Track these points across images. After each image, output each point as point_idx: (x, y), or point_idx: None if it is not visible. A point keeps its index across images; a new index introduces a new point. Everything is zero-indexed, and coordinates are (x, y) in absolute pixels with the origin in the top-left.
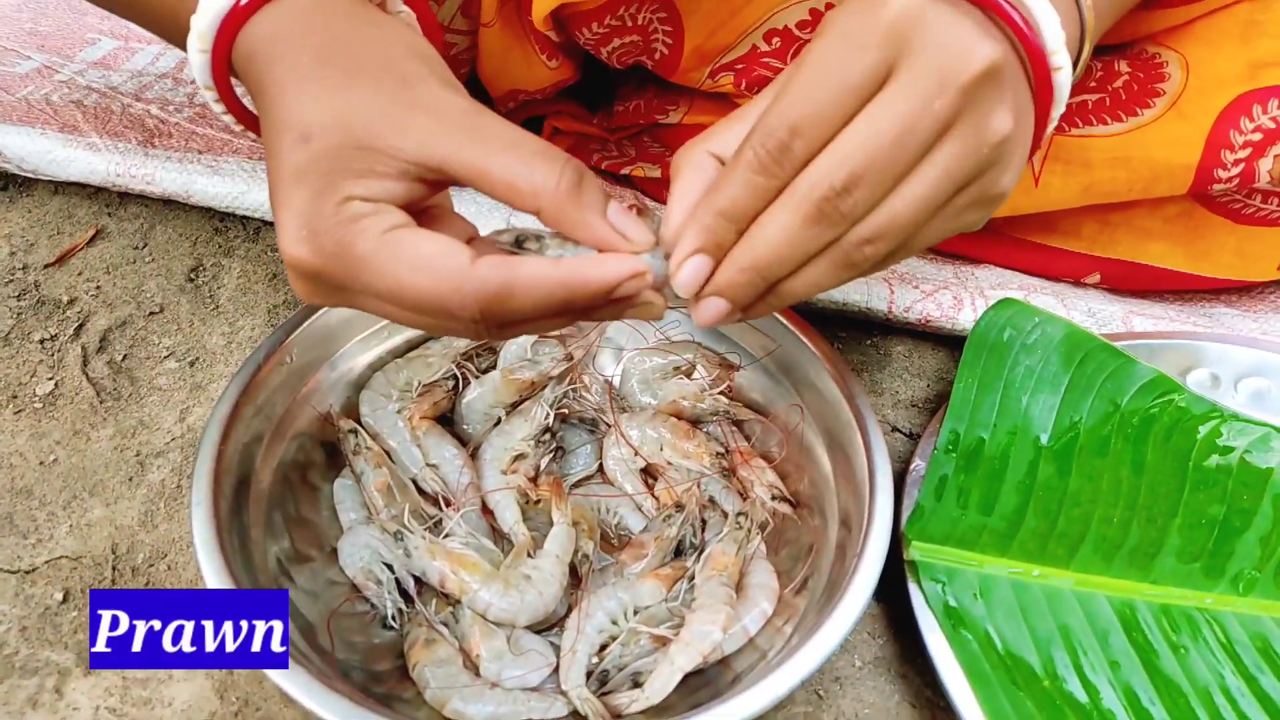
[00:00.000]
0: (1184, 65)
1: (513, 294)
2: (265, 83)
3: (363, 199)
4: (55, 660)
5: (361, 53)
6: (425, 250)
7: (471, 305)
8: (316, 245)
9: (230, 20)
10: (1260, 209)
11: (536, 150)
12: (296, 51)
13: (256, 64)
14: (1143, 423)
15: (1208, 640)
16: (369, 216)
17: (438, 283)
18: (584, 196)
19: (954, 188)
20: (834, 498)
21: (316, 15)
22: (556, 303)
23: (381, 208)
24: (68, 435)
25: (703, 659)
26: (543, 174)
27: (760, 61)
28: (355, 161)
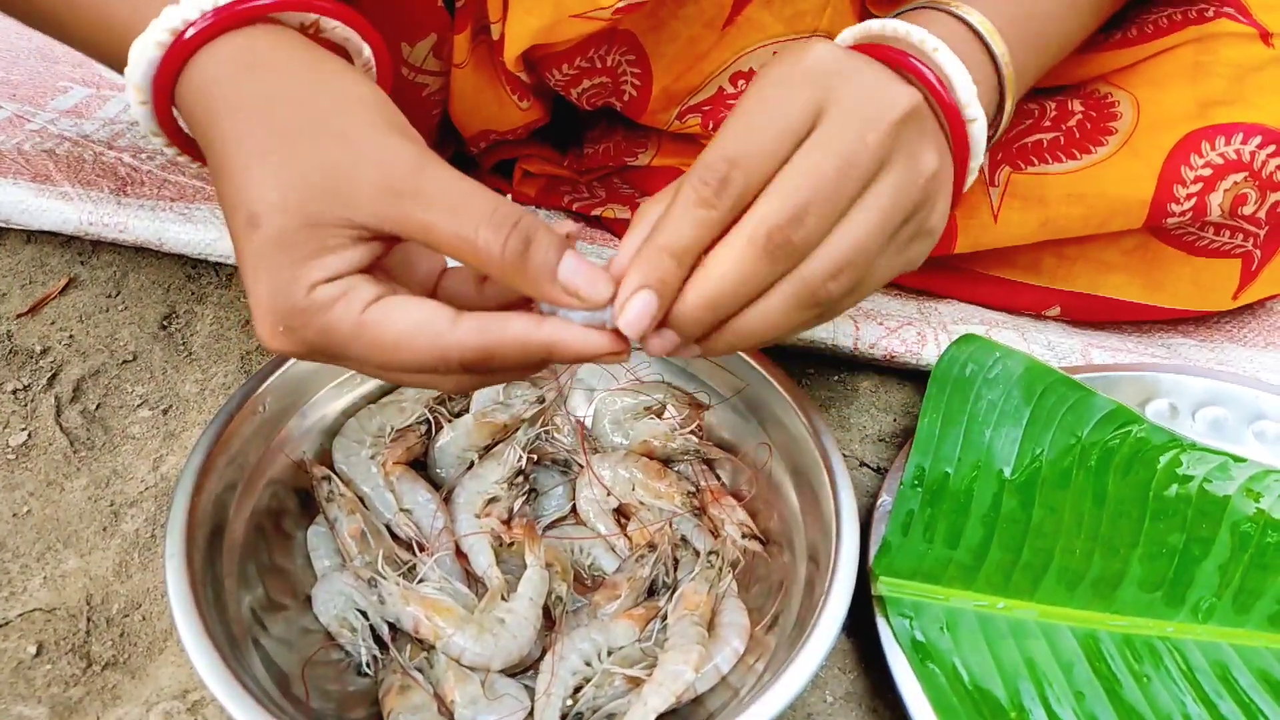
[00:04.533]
0: (1135, 104)
1: (493, 355)
2: (211, 138)
3: (327, 280)
4: (28, 715)
5: (297, 113)
6: (405, 323)
7: (456, 366)
8: (296, 337)
9: (164, 71)
10: (1214, 241)
11: (483, 215)
12: (233, 111)
13: (199, 117)
14: (1103, 454)
15: (1169, 669)
16: (340, 300)
17: (424, 350)
18: (531, 261)
19: (900, 218)
20: (802, 534)
21: (247, 73)
22: (537, 360)
23: (350, 283)
24: (41, 486)
25: (676, 699)
26: (486, 242)
27: (726, 103)
28: (307, 243)
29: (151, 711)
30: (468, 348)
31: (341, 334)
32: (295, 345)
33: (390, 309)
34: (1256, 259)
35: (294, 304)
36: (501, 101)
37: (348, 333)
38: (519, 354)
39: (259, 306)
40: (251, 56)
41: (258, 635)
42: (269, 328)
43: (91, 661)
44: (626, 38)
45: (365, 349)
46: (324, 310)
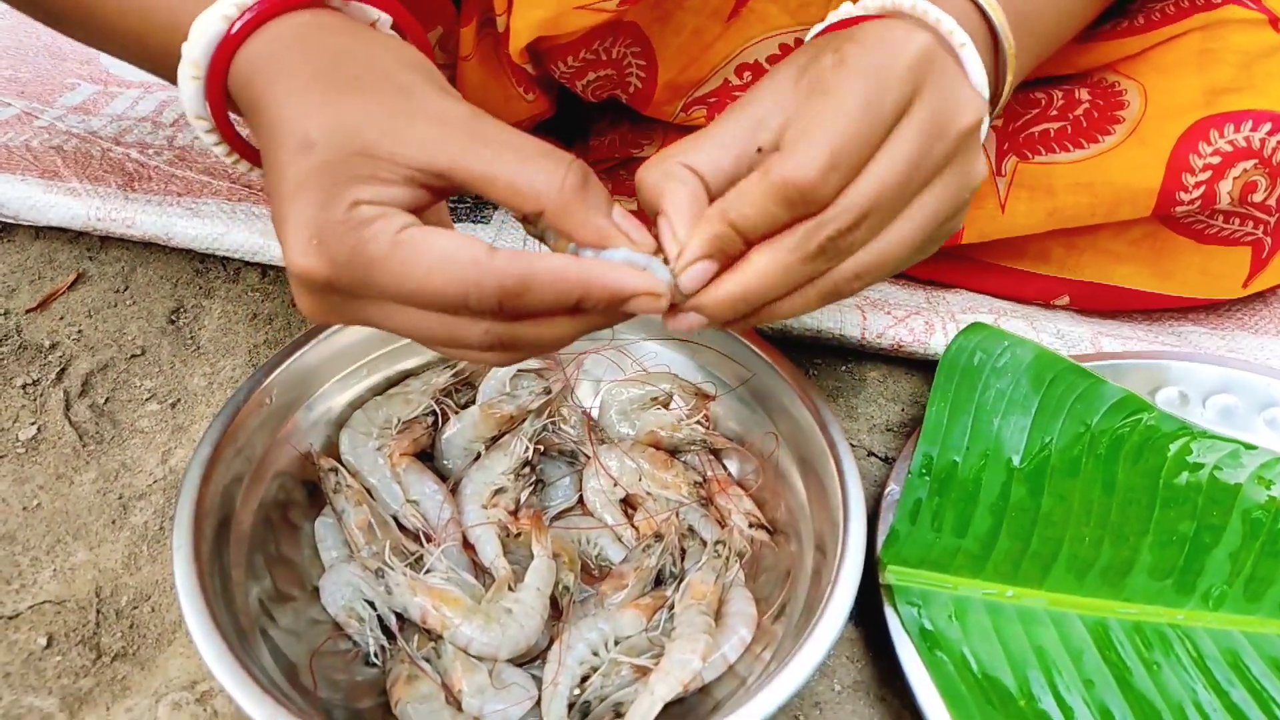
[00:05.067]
0: (1142, 93)
1: (530, 287)
2: (264, 101)
3: (370, 203)
4: (39, 706)
5: (360, 66)
6: (442, 246)
7: (491, 298)
8: (327, 254)
9: (224, 46)
10: (1223, 229)
11: (540, 151)
12: (296, 68)
13: (256, 86)
14: (1113, 442)
15: (1180, 656)
16: (379, 220)
17: (457, 276)
18: (589, 196)
19: (937, 228)
20: (809, 523)
21: (312, 34)
22: (571, 300)
23: (389, 211)
24: (50, 479)
25: (683, 688)
26: (546, 174)
27: (732, 95)
28: (359, 168)
29: (161, 702)
30: (506, 274)
31: (374, 252)
32: (323, 263)
33: (429, 233)
34: (1267, 246)
35: (332, 216)
36: (507, 94)
37: (382, 251)
38: (554, 288)
39: (294, 220)
40: (314, 27)
41: (266, 626)
42: (302, 242)
43: (101, 653)
44: (631, 29)
45: (397, 270)
46: (362, 225)
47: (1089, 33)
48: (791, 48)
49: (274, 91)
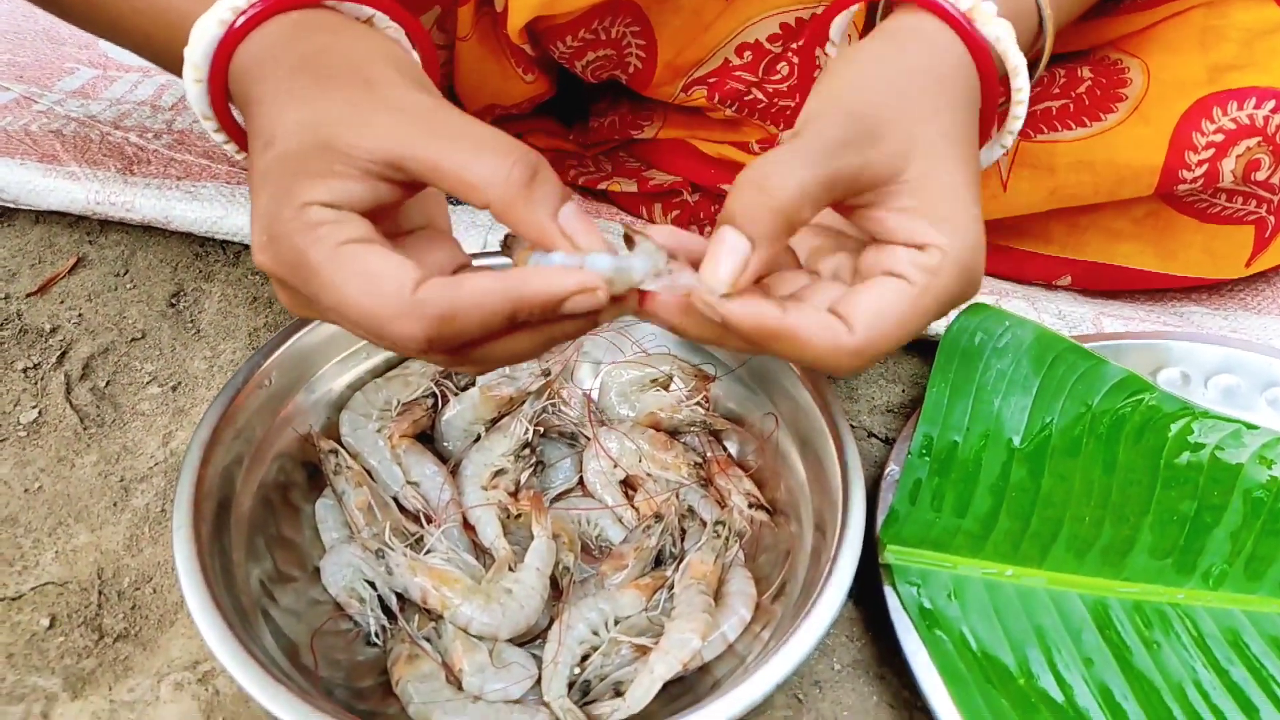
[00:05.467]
0: (1145, 70)
1: (455, 316)
2: (249, 101)
3: (323, 204)
4: (42, 686)
5: (334, 61)
6: (373, 269)
7: (417, 331)
8: (275, 251)
9: (222, 49)
10: (1226, 207)
11: (488, 142)
12: (275, 68)
13: (243, 84)
14: (1114, 422)
15: (1180, 635)
16: (327, 225)
17: (380, 306)
18: (534, 193)
19: None
20: (809, 503)
21: (297, 34)
22: (502, 318)
23: (343, 216)
24: (52, 462)
25: (682, 667)
26: (491, 166)
27: (732, 75)
28: (314, 163)
29: (163, 682)
30: (428, 306)
31: (313, 259)
32: (273, 261)
33: (365, 252)
34: (1270, 225)
35: (282, 215)
36: (506, 74)
37: (320, 259)
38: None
39: (254, 213)
40: (301, 26)
41: (267, 607)
42: (257, 236)
43: (103, 634)
44: (631, 9)
45: (328, 283)
46: (307, 230)
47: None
48: (792, 26)
49: (256, 92)
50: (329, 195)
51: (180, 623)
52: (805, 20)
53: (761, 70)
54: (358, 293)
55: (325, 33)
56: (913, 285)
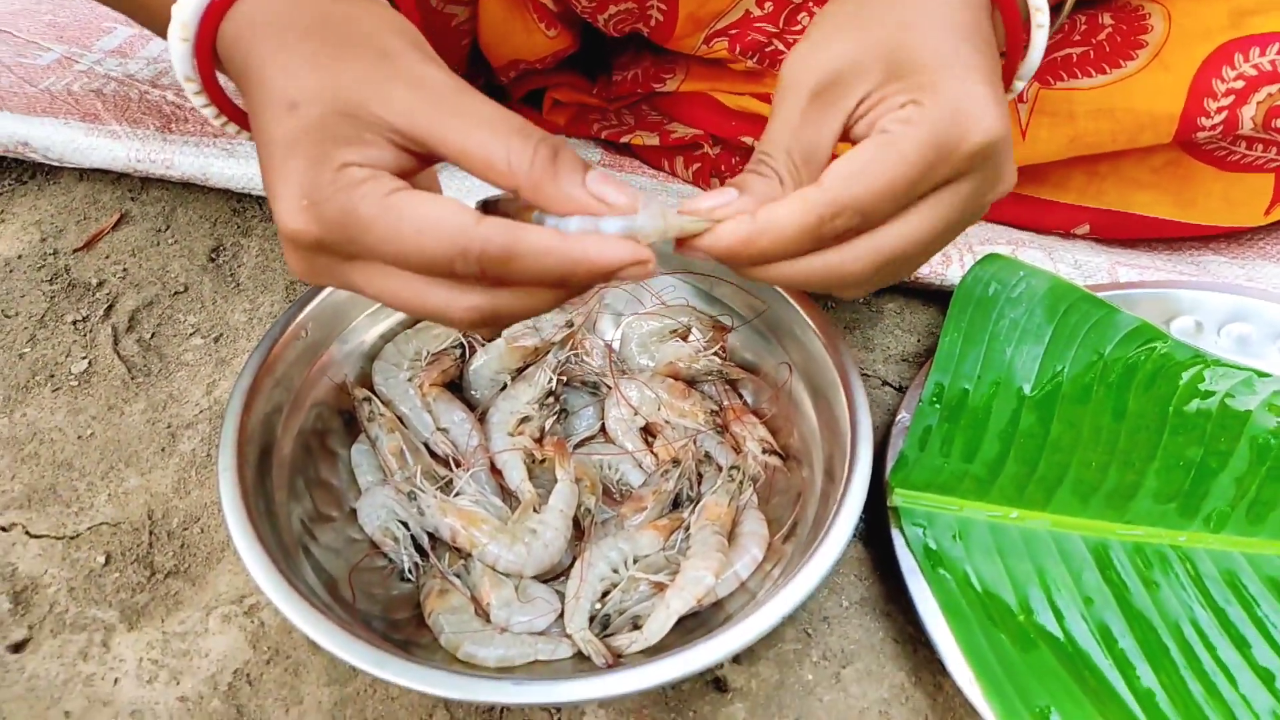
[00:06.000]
0: (1166, 16)
1: (514, 256)
2: (251, 63)
3: (359, 165)
4: (101, 617)
5: (344, 29)
6: (431, 210)
7: (475, 264)
8: (318, 214)
9: (213, 8)
10: (1246, 155)
11: (513, 128)
12: (282, 31)
13: (242, 47)
14: (1125, 370)
15: (1179, 576)
16: (369, 181)
17: (446, 239)
18: (560, 169)
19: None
20: (820, 449)
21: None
22: (554, 275)
23: (378, 173)
24: (103, 410)
25: (696, 602)
26: (518, 151)
27: (754, 26)
28: (344, 128)
29: (211, 615)
30: (492, 243)
31: (365, 212)
32: (314, 223)
33: (418, 196)
34: None
35: (322, 177)
36: (529, 29)
37: (372, 212)
38: (539, 263)
39: (284, 181)
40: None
41: (307, 544)
42: (293, 202)
43: (155, 570)
44: None
45: (386, 231)
46: (352, 187)
47: None
48: None
49: (260, 53)
50: (362, 157)
51: (226, 560)
52: None
53: (782, 21)
54: (417, 232)
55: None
56: (885, 134)
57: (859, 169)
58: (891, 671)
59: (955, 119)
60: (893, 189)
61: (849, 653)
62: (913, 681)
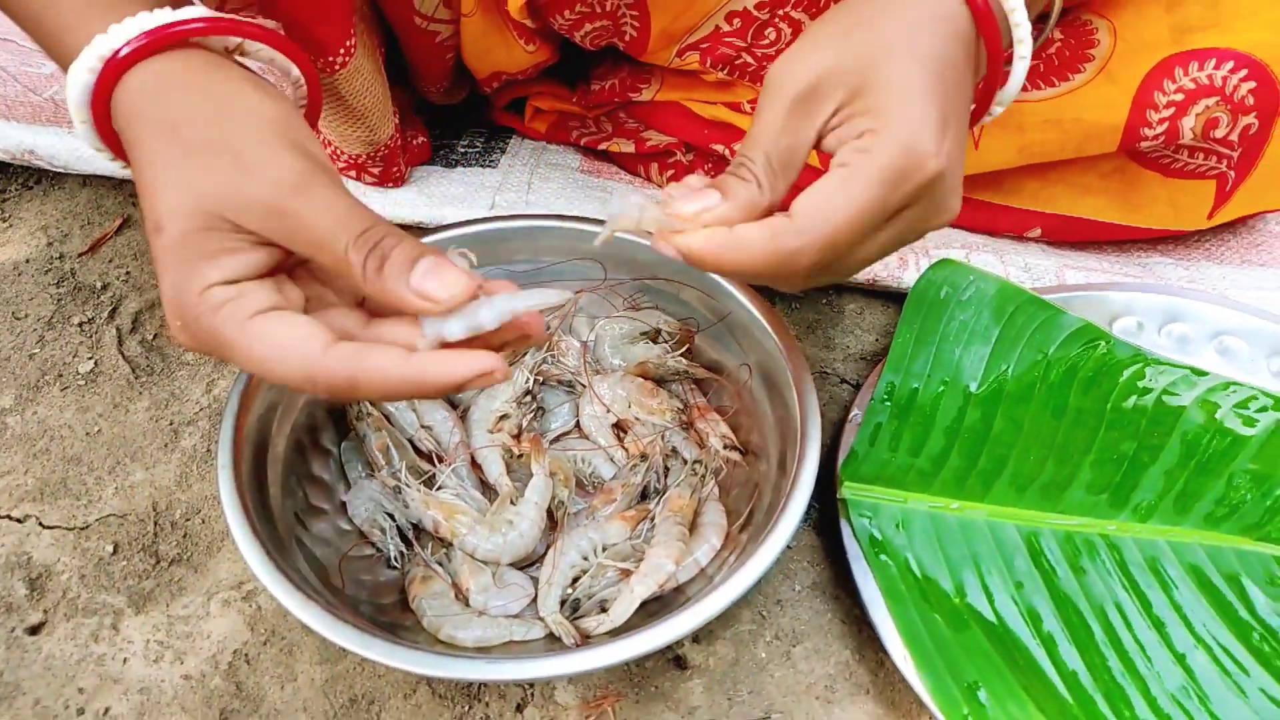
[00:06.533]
0: (1112, 31)
1: (357, 385)
2: (132, 156)
3: (223, 283)
4: (110, 603)
5: (202, 130)
6: (279, 338)
7: (323, 390)
8: (189, 333)
9: (98, 95)
10: (1189, 163)
11: (351, 236)
12: (146, 135)
13: (125, 138)
14: (1068, 369)
15: (1105, 562)
16: (230, 303)
17: (292, 369)
18: (385, 274)
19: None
20: (775, 444)
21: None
22: (402, 393)
23: (243, 289)
24: (109, 408)
25: (659, 587)
26: (353, 263)
27: (723, 41)
28: (205, 245)
29: (212, 600)
30: (336, 374)
31: (225, 336)
32: (190, 340)
33: (273, 323)
34: (1230, 180)
35: (187, 302)
36: (509, 46)
37: (230, 336)
38: (381, 387)
39: (163, 297)
40: (168, 79)
41: (300, 535)
42: (170, 318)
43: (160, 558)
44: None
45: (245, 353)
46: (213, 311)
47: None
48: None
49: (135, 154)
50: (224, 274)
51: (226, 549)
52: None
53: (750, 36)
54: (269, 358)
55: (190, 92)
56: (846, 167)
57: (824, 205)
58: (838, 650)
59: (907, 153)
60: (851, 226)
61: (799, 633)
62: (856, 659)
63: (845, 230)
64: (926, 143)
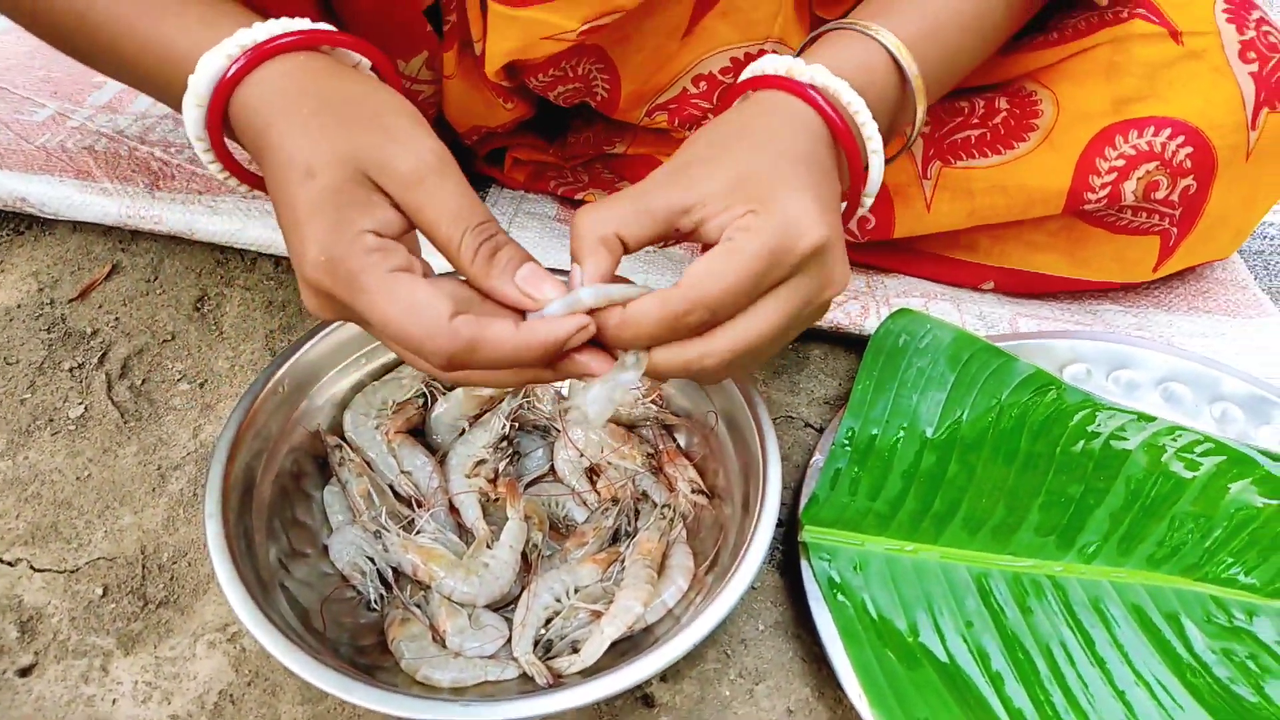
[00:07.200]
0: (1055, 101)
1: (477, 349)
2: (268, 134)
3: (374, 233)
4: (100, 644)
5: (350, 106)
6: (417, 297)
7: (442, 353)
8: (332, 270)
9: (225, 81)
10: (1133, 220)
11: (471, 223)
12: (294, 106)
13: (259, 118)
14: (1019, 414)
15: (1052, 602)
16: (378, 252)
17: (419, 328)
18: (494, 268)
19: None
20: (739, 489)
21: (307, 76)
22: (511, 360)
23: (390, 245)
24: (98, 453)
25: (628, 629)
26: (468, 246)
27: (690, 102)
28: (357, 194)
29: (198, 642)
30: (457, 336)
31: (366, 282)
32: (330, 276)
33: (411, 281)
34: (1174, 236)
35: (341, 239)
36: (489, 104)
37: (371, 283)
38: (498, 352)
39: (309, 238)
40: (307, 69)
41: (283, 579)
42: (314, 256)
43: (148, 601)
44: (595, 50)
45: (377, 303)
46: (364, 255)
47: (1009, 46)
48: (740, 60)
49: (276, 126)
50: (375, 224)
51: (212, 591)
52: (753, 54)
53: (716, 98)
54: (401, 313)
55: (332, 78)
56: (729, 241)
57: (708, 272)
58: (798, 688)
59: (788, 229)
60: (737, 287)
61: (762, 671)
62: (816, 696)
63: (731, 290)
64: (806, 217)
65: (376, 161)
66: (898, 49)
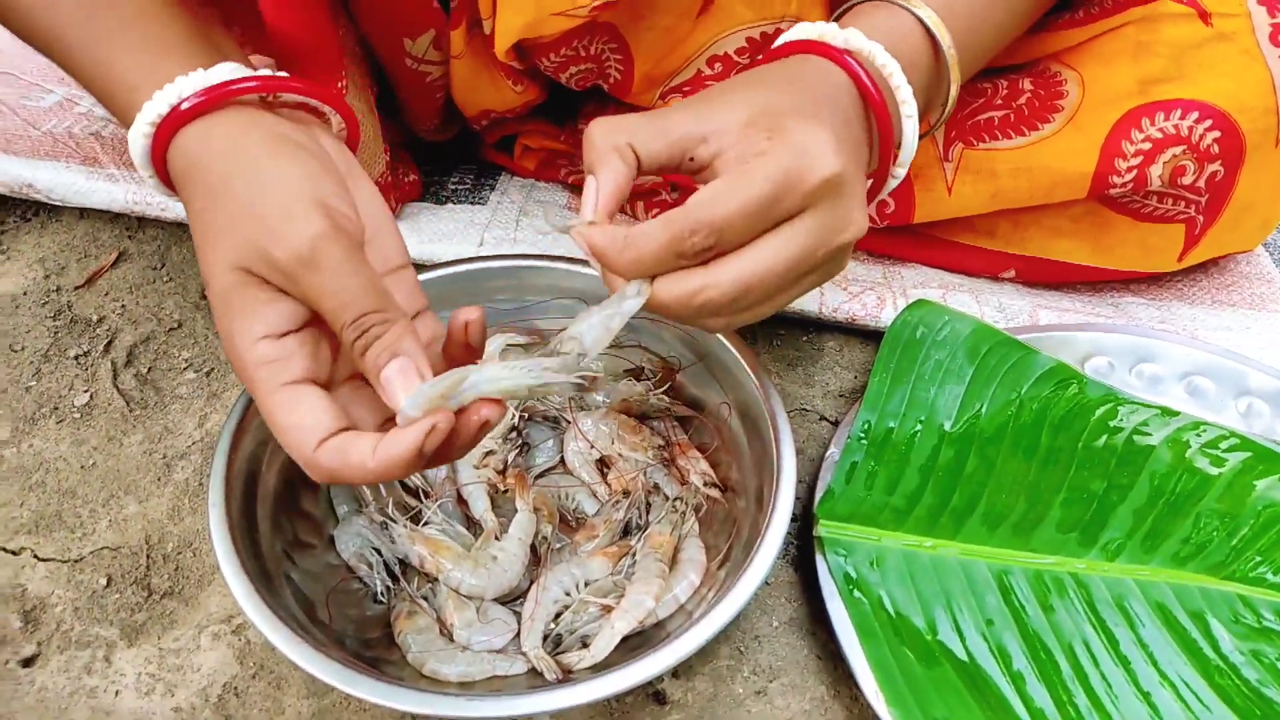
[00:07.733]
0: (1081, 82)
1: (338, 476)
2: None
3: (268, 336)
4: (103, 635)
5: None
6: (293, 419)
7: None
8: (240, 375)
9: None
10: (1158, 208)
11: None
12: (197, 194)
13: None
14: (1040, 408)
15: (1074, 600)
16: (268, 365)
17: (293, 451)
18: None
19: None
20: (753, 482)
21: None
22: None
23: (284, 352)
24: (103, 441)
25: (639, 624)
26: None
27: (704, 84)
28: (245, 298)
29: (203, 633)
30: (320, 468)
31: (259, 392)
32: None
33: (294, 400)
34: (1199, 224)
35: (240, 352)
36: (498, 86)
37: (261, 396)
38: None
39: (224, 341)
40: (212, 142)
41: (288, 570)
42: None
43: (152, 591)
44: (608, 29)
45: (268, 413)
46: (255, 368)
47: (1034, 25)
48: (757, 40)
49: (188, 211)
50: (268, 326)
51: (217, 582)
52: (770, 34)
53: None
54: (283, 434)
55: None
56: (740, 164)
57: (715, 194)
58: (813, 686)
59: (801, 156)
60: (744, 210)
61: (776, 668)
62: (832, 695)
63: (738, 214)
64: (822, 147)
65: (257, 259)
66: (933, 21)
